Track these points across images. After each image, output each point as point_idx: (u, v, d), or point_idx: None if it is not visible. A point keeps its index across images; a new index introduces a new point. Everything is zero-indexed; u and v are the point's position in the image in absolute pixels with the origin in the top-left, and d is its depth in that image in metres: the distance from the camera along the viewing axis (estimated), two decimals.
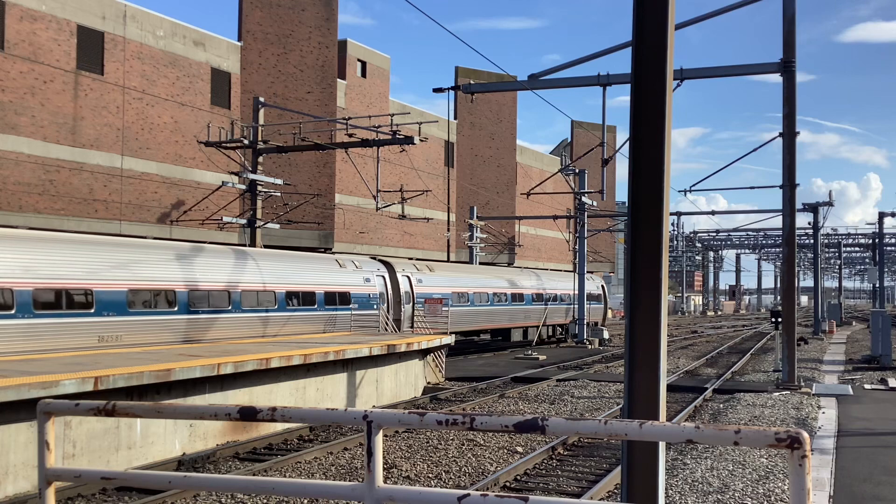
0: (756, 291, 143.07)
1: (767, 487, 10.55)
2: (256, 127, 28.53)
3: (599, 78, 22.14)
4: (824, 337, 47.17)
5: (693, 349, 38.80)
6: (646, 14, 5.43)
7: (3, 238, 17.36)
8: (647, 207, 5.40)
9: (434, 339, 23.27)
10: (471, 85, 24.06)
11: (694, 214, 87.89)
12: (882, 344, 28.02)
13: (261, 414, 3.65)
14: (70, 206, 29.18)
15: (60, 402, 3.95)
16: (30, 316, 16.65)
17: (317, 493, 3.74)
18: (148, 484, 4.36)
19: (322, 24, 38.55)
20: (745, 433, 2.98)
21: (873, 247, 68.78)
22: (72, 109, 29.33)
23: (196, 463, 13.00)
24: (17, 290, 16.49)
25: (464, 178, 53.17)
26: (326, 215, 38.94)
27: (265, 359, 15.64)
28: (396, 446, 14.12)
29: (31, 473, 11.31)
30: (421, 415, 3.41)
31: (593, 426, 3.22)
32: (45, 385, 11.18)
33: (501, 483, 11.62)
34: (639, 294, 5.41)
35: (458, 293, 34.29)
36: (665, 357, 5.40)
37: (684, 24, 20.42)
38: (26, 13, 27.69)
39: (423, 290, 31.65)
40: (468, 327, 34.53)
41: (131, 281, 19.29)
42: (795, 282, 22.83)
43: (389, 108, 43.41)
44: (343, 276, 27.37)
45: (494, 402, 19.78)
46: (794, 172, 21.63)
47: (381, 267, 30.00)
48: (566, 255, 62.02)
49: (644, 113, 5.44)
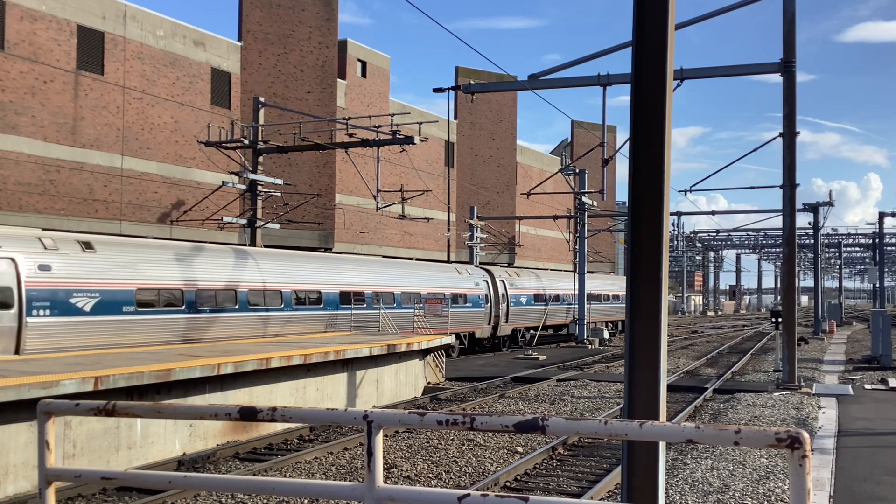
0: (756, 291, 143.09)
1: (768, 487, 10.55)
2: (256, 127, 28.53)
3: (599, 78, 22.13)
4: (824, 337, 47.17)
5: (693, 349, 38.80)
6: (646, 14, 5.43)
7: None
8: (647, 207, 5.40)
9: (434, 338, 23.27)
10: (471, 85, 24.06)
11: (694, 214, 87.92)
12: (882, 344, 28.01)
13: (261, 414, 3.65)
14: (70, 206, 29.19)
15: (60, 402, 3.95)
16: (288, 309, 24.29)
17: (317, 493, 3.74)
18: (148, 484, 4.35)
19: (322, 24, 38.55)
20: (746, 433, 2.97)
21: (873, 247, 68.77)
22: (72, 109, 29.33)
23: (196, 463, 12.99)
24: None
25: (464, 178, 53.17)
26: (326, 215, 38.94)
27: (265, 359, 15.65)
28: (396, 446, 14.12)
29: (31, 473, 11.31)
30: (421, 415, 3.41)
31: (593, 426, 3.22)
32: (45, 385, 11.19)
33: (502, 483, 11.62)
34: (639, 294, 5.41)
35: (535, 294, 41.84)
36: (665, 357, 5.40)
37: (684, 24, 20.42)
38: (26, 13, 27.69)
39: (513, 291, 39.39)
40: (538, 323, 42.03)
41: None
42: (795, 282, 22.83)
43: (389, 108, 43.41)
44: (461, 281, 35.03)
45: (494, 402, 19.79)
46: (794, 172, 21.63)
47: (485, 273, 37.85)
48: (566, 255, 62.01)
49: (644, 113, 5.44)
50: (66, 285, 17.86)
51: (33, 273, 17.16)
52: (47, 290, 17.39)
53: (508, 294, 38.62)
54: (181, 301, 20.60)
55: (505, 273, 39.76)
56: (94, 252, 18.89)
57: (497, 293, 37.58)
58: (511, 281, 39.47)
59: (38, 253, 17.52)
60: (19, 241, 17.44)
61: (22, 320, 16.74)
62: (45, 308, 17.23)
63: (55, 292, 17.56)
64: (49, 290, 17.42)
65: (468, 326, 34.76)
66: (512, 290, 39.07)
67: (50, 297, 17.40)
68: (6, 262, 16.68)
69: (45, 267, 17.49)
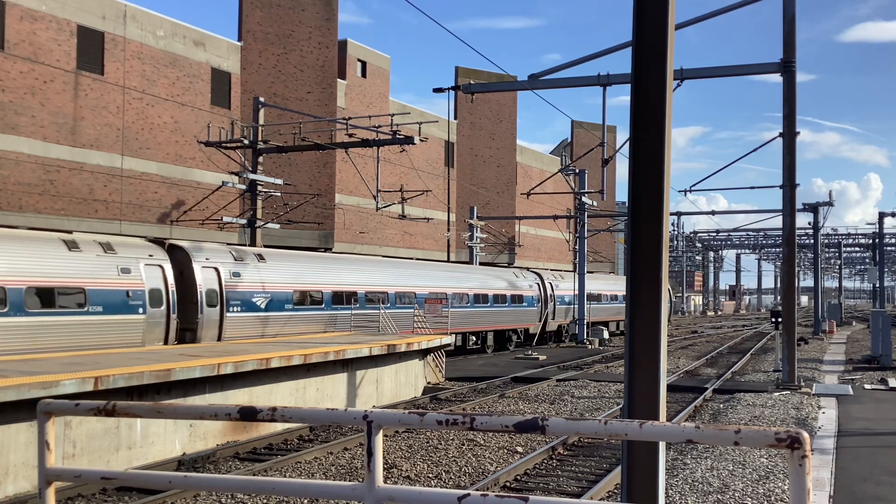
0: (756, 291, 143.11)
1: (767, 487, 10.55)
2: (256, 127, 28.52)
3: (599, 78, 22.13)
4: (824, 337, 47.17)
5: (693, 349, 38.80)
6: (646, 14, 5.43)
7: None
8: (647, 207, 5.40)
9: (434, 338, 23.28)
10: (471, 85, 24.06)
11: (694, 214, 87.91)
12: (882, 344, 28.01)
13: (261, 414, 3.65)
14: (70, 206, 29.19)
15: (60, 402, 3.95)
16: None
17: (317, 493, 3.74)
18: (148, 484, 4.35)
19: (322, 24, 38.55)
20: (746, 433, 2.97)
21: (873, 247, 68.77)
22: (72, 109, 29.33)
23: (196, 463, 12.99)
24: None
25: (464, 178, 53.16)
26: (326, 215, 38.94)
27: (265, 359, 15.64)
28: (396, 446, 14.12)
29: (31, 473, 11.31)
30: (421, 415, 3.41)
31: (593, 426, 3.22)
32: (45, 385, 11.19)
33: (501, 483, 11.62)
34: (639, 294, 5.41)
35: (575, 294, 44.55)
36: (665, 357, 5.40)
37: (684, 24, 20.41)
38: (26, 13, 27.69)
39: (558, 292, 43.50)
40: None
41: None
42: (795, 282, 22.83)
43: (389, 108, 43.40)
44: (519, 283, 39.63)
45: (494, 402, 19.78)
46: (794, 172, 21.63)
47: (536, 276, 42.16)
48: (566, 255, 62.02)
49: (644, 113, 5.43)
50: (249, 288, 22.98)
51: (229, 279, 22.29)
52: (237, 292, 22.56)
53: (555, 295, 42.95)
54: (322, 300, 25.88)
55: (552, 276, 44.25)
56: (265, 262, 24.10)
57: (546, 294, 41.90)
58: (556, 283, 43.74)
59: (230, 263, 22.70)
60: (219, 253, 22.77)
61: (223, 315, 21.89)
62: (236, 305, 22.47)
63: (243, 294, 22.72)
64: (239, 292, 22.59)
65: (524, 323, 39.79)
66: (557, 291, 43.38)
67: (240, 298, 22.62)
68: (213, 271, 21.92)
69: (237, 274, 22.67)
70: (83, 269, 18.49)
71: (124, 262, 19.65)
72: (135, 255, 20.06)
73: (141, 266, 19.98)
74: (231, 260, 22.69)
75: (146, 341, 19.71)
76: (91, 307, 18.41)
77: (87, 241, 19.31)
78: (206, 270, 21.70)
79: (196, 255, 21.79)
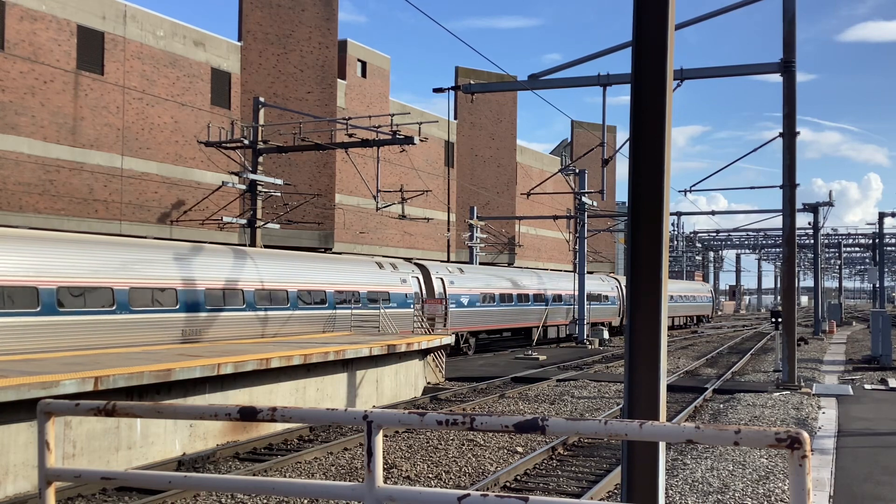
0: (756, 291, 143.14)
1: (767, 487, 10.55)
2: (256, 127, 28.52)
3: (599, 78, 22.13)
4: (824, 337, 47.17)
5: (693, 349, 38.80)
6: (646, 14, 5.43)
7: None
8: (648, 207, 5.40)
9: (434, 338, 23.27)
10: (471, 85, 24.06)
11: (694, 214, 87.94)
12: (882, 344, 28.00)
13: (261, 414, 3.65)
14: (70, 206, 29.19)
15: (60, 402, 3.95)
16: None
17: (317, 494, 3.74)
18: (148, 484, 4.35)
19: (322, 24, 38.55)
20: (745, 433, 2.97)
21: (873, 247, 68.79)
22: (72, 109, 29.33)
23: (196, 463, 12.99)
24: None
25: (464, 178, 53.18)
26: (326, 215, 38.94)
27: (265, 359, 15.64)
28: (396, 446, 14.12)
29: (31, 473, 11.31)
30: (421, 415, 3.41)
31: (593, 426, 3.22)
32: (45, 385, 11.18)
33: (501, 483, 11.62)
34: (639, 294, 5.41)
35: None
36: (665, 357, 5.40)
37: (684, 24, 20.41)
38: (26, 13, 27.69)
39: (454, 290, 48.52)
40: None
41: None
42: (795, 282, 22.83)
43: (389, 108, 43.41)
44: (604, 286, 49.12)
45: (494, 402, 19.78)
46: (794, 172, 21.63)
47: (616, 280, 51.48)
48: (566, 255, 62.02)
49: (644, 113, 5.43)
50: (458, 291, 33.98)
51: (449, 285, 33.40)
52: (453, 294, 33.49)
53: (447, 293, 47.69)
54: (507, 298, 37.47)
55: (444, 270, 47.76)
56: (463, 273, 35.24)
57: (623, 293, 48.06)
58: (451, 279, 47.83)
59: (447, 274, 33.76)
60: (442, 268, 33.94)
61: (447, 310, 32.34)
62: (453, 303, 33.32)
63: (455, 295, 33.62)
64: (454, 294, 33.53)
65: (608, 318, 48.68)
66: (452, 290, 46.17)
67: (454, 298, 33.51)
68: (440, 281, 32.81)
69: (452, 282, 33.71)
70: (385, 280, 29.04)
71: (403, 275, 30.18)
72: (406, 270, 30.84)
73: (409, 277, 30.55)
74: (447, 273, 33.63)
75: (413, 327, 29.08)
76: (392, 303, 28.73)
77: (385, 263, 30.09)
78: (436, 280, 32.52)
79: (432, 270, 32.78)
